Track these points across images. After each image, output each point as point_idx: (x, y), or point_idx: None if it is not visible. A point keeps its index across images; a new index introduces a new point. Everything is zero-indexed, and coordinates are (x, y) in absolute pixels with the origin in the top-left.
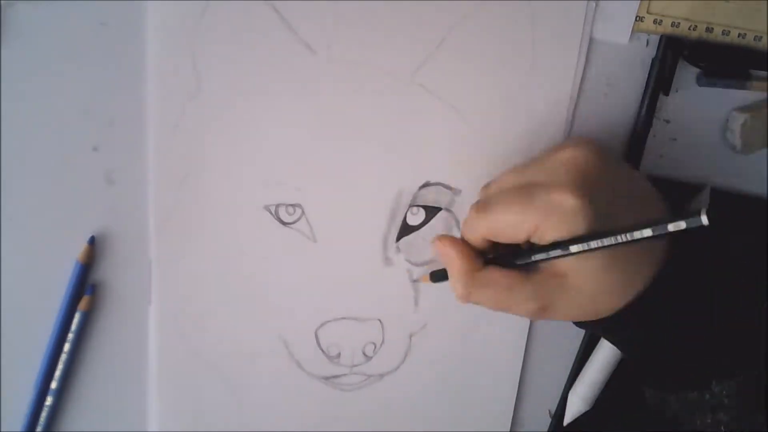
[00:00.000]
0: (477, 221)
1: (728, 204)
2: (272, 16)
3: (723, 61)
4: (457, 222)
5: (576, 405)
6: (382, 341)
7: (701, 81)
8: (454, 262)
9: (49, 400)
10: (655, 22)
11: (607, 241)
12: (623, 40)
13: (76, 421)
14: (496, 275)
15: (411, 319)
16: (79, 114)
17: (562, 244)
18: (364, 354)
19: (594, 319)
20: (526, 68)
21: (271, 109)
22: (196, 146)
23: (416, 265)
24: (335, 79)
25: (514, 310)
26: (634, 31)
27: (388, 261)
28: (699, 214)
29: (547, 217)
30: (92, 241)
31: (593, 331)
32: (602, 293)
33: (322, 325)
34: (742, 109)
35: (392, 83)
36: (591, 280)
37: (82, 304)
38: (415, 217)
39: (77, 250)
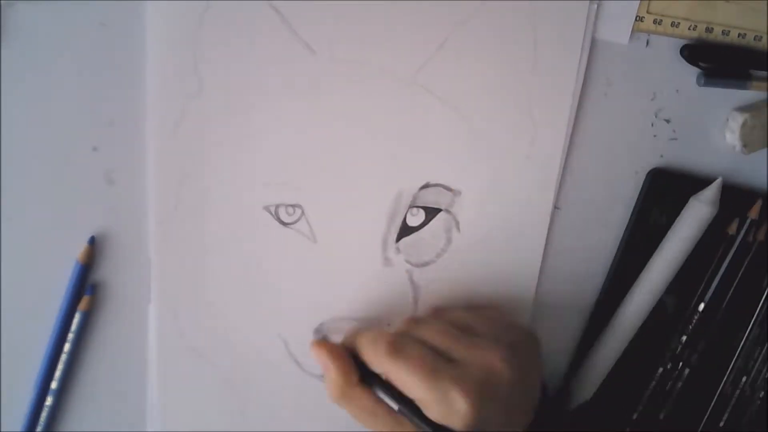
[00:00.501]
0: (382, 359)
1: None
2: (273, 16)
3: (723, 61)
4: (457, 223)
5: (578, 394)
6: None
7: (701, 81)
8: (330, 372)
9: (49, 400)
10: (655, 22)
11: None
12: (623, 40)
13: (76, 421)
14: (365, 400)
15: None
16: (78, 114)
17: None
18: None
19: None
20: (527, 69)
21: (271, 109)
22: (196, 146)
23: (416, 265)
24: (336, 80)
25: (368, 429)
26: (634, 31)
27: (387, 261)
28: None
29: (437, 401)
30: (92, 242)
31: None
32: None
33: (321, 325)
34: (742, 108)
35: (393, 83)
36: None
37: (82, 305)
38: (415, 218)
39: (77, 250)
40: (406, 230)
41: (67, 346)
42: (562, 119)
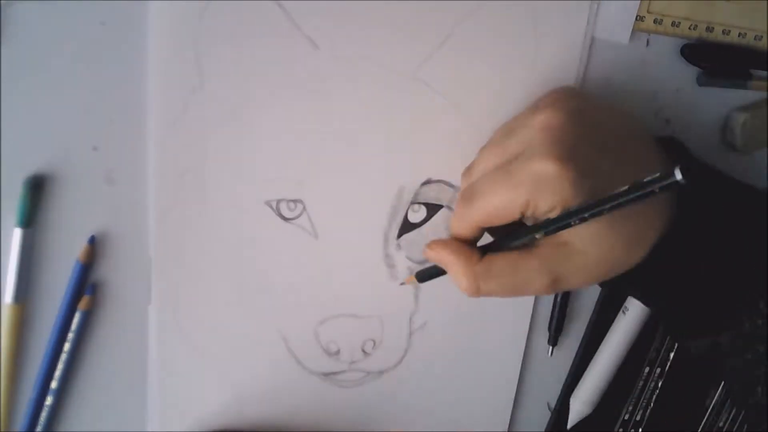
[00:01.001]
0: (467, 212)
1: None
2: (276, 11)
3: (723, 61)
4: None
5: (578, 409)
6: (382, 338)
7: (701, 81)
8: (451, 262)
9: (49, 400)
10: (655, 21)
11: (590, 213)
12: (623, 40)
13: (76, 421)
14: (499, 262)
15: (411, 317)
16: (79, 113)
17: (550, 222)
18: (363, 351)
19: (609, 277)
20: (528, 67)
21: (273, 104)
22: (197, 141)
23: (417, 262)
24: (338, 75)
25: (526, 291)
26: (635, 31)
27: (388, 258)
28: (672, 174)
29: (534, 191)
30: (92, 241)
31: (615, 289)
32: (609, 254)
33: (322, 321)
34: (743, 108)
35: (395, 79)
36: (595, 244)
37: (83, 304)
38: (417, 215)
39: (77, 249)
40: (407, 226)
41: (67, 346)
42: None
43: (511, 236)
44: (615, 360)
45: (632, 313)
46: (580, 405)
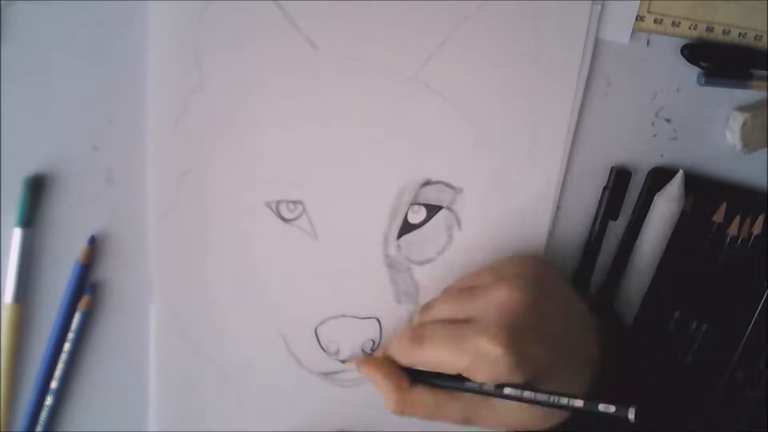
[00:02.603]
0: (412, 352)
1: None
2: (275, 11)
3: (723, 61)
4: (458, 221)
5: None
6: (381, 338)
7: (702, 80)
8: (384, 386)
9: (49, 400)
10: (655, 21)
11: (525, 395)
12: (624, 40)
13: (76, 421)
14: (425, 396)
15: (410, 317)
16: (79, 113)
17: (489, 387)
18: (363, 351)
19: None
20: (529, 67)
21: (273, 105)
22: (196, 142)
23: (417, 263)
24: (337, 76)
25: (442, 422)
26: (635, 31)
27: (388, 259)
28: (628, 412)
29: (476, 362)
30: (92, 241)
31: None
32: (523, 421)
33: (321, 322)
34: (743, 108)
35: (395, 80)
36: (515, 411)
37: (83, 304)
38: (416, 216)
39: (77, 249)
40: (407, 227)
41: (67, 346)
42: (564, 118)
43: (445, 382)
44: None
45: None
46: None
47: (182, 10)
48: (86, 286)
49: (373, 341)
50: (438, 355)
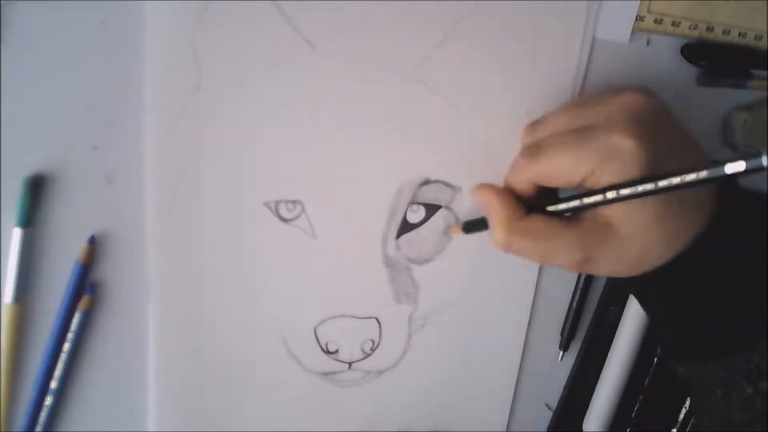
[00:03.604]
0: (528, 165)
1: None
2: (273, 11)
3: (723, 61)
4: (457, 220)
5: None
6: (380, 338)
7: (702, 80)
8: (495, 209)
9: (48, 400)
10: (655, 21)
11: (661, 184)
12: (624, 40)
13: (76, 421)
14: (539, 223)
15: (410, 317)
16: (78, 113)
17: (614, 188)
18: (362, 351)
19: (638, 273)
20: (527, 67)
21: (271, 104)
22: (195, 142)
23: (416, 262)
24: (336, 75)
25: (555, 261)
26: (635, 31)
27: (387, 258)
28: (760, 155)
29: (604, 160)
30: (92, 241)
31: (627, 290)
32: (650, 246)
33: (321, 322)
34: (743, 108)
35: (393, 79)
36: (640, 231)
37: (82, 304)
38: (415, 215)
39: (77, 249)
40: (406, 227)
41: (66, 346)
42: None
43: (561, 198)
44: (621, 380)
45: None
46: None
47: (180, 10)
48: (86, 286)
49: (373, 341)
50: (559, 163)
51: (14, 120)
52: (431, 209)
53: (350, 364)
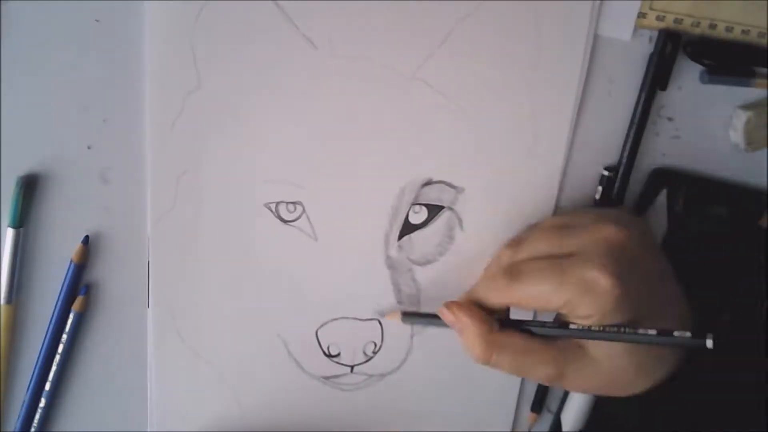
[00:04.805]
0: (507, 289)
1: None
2: (274, 10)
3: (726, 58)
4: (460, 221)
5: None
6: (383, 341)
7: (705, 78)
8: (470, 327)
9: (42, 402)
10: (657, 18)
11: (612, 332)
12: (626, 37)
13: (70, 422)
14: (516, 338)
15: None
16: (73, 112)
17: (586, 331)
18: (364, 353)
19: (605, 395)
20: (529, 66)
21: (271, 104)
22: (194, 142)
23: (418, 264)
24: (337, 75)
25: (530, 375)
26: (637, 28)
27: (389, 260)
28: (704, 339)
29: (580, 294)
30: (86, 241)
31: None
32: (619, 371)
33: (322, 324)
34: (746, 106)
35: (395, 79)
36: (610, 357)
37: (76, 305)
38: (418, 216)
39: (71, 249)
40: (408, 228)
41: (60, 347)
42: (565, 116)
43: (534, 324)
44: None
45: None
46: (570, 423)
47: (180, 10)
48: (80, 286)
49: (375, 343)
50: (537, 290)
51: (7, 118)
52: (434, 210)
53: (352, 367)
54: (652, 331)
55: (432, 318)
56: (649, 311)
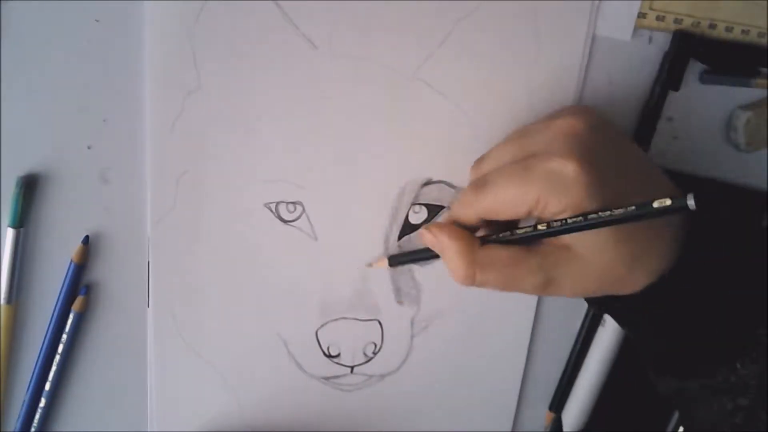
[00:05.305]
0: (475, 200)
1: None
2: (274, 10)
3: (726, 59)
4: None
5: (570, 425)
6: (383, 341)
7: (705, 78)
8: (450, 245)
9: (42, 402)
10: (657, 18)
11: (591, 218)
12: (625, 37)
13: (70, 422)
14: (499, 251)
15: (412, 319)
16: (73, 111)
17: (558, 222)
18: (364, 354)
19: (602, 295)
20: (529, 66)
21: (272, 105)
22: (194, 142)
23: (418, 264)
24: (337, 75)
25: (520, 287)
26: (637, 28)
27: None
28: (684, 199)
29: (548, 188)
30: (86, 241)
31: (603, 310)
32: (609, 268)
33: (322, 325)
34: (746, 106)
35: (395, 79)
36: (597, 253)
37: (76, 305)
38: (418, 216)
39: (71, 249)
40: (408, 228)
41: (60, 347)
42: None
43: (516, 229)
44: (598, 376)
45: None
46: (570, 423)
47: (179, 9)
48: (80, 286)
49: (375, 344)
50: (507, 192)
51: (7, 118)
52: (434, 210)
53: (352, 368)
54: (631, 208)
55: (418, 254)
56: (625, 195)
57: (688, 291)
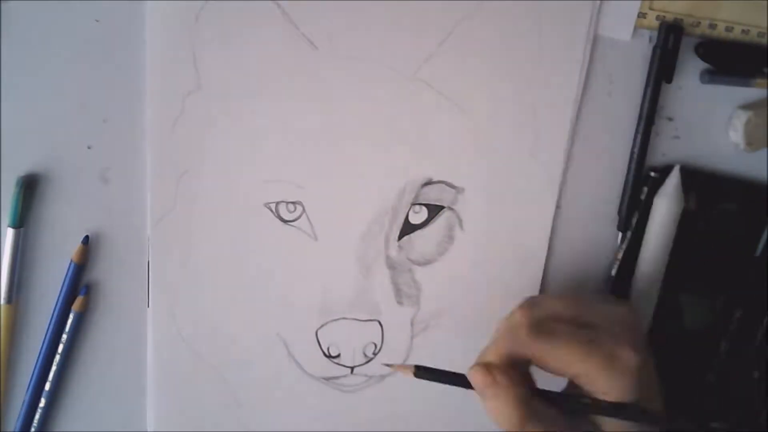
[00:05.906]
0: (532, 342)
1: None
2: (274, 10)
3: (726, 58)
4: (460, 221)
5: None
6: (383, 341)
7: (705, 78)
8: (508, 390)
9: (42, 402)
10: (657, 18)
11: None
12: (626, 37)
13: (70, 423)
14: (549, 410)
15: (412, 320)
16: (73, 111)
17: (610, 408)
18: (364, 354)
19: None
20: (530, 66)
21: (271, 104)
22: (195, 142)
23: (418, 264)
24: (337, 75)
25: None
26: (637, 28)
27: (389, 260)
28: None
29: (606, 367)
30: (86, 241)
31: None
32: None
33: (322, 325)
34: (746, 106)
35: (395, 79)
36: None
37: (76, 305)
38: (418, 216)
39: (71, 249)
40: (408, 228)
41: (60, 347)
42: (566, 116)
43: (565, 398)
44: None
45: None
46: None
47: (179, 9)
48: (80, 286)
49: (375, 344)
50: (564, 352)
51: (7, 118)
52: (434, 210)
53: (352, 368)
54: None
55: (450, 378)
56: (651, 391)
57: None
